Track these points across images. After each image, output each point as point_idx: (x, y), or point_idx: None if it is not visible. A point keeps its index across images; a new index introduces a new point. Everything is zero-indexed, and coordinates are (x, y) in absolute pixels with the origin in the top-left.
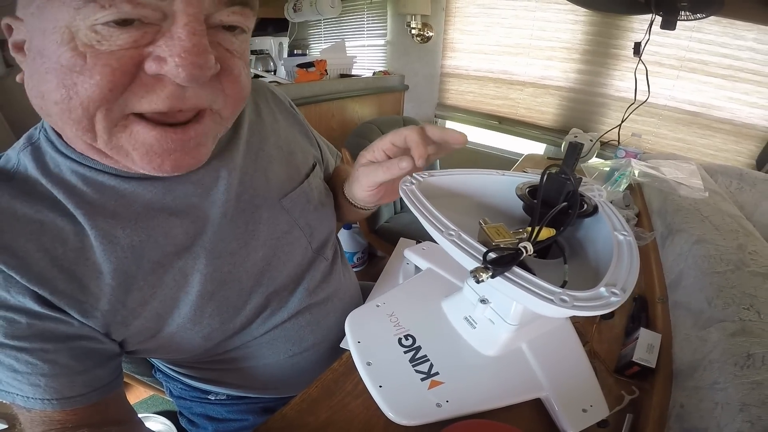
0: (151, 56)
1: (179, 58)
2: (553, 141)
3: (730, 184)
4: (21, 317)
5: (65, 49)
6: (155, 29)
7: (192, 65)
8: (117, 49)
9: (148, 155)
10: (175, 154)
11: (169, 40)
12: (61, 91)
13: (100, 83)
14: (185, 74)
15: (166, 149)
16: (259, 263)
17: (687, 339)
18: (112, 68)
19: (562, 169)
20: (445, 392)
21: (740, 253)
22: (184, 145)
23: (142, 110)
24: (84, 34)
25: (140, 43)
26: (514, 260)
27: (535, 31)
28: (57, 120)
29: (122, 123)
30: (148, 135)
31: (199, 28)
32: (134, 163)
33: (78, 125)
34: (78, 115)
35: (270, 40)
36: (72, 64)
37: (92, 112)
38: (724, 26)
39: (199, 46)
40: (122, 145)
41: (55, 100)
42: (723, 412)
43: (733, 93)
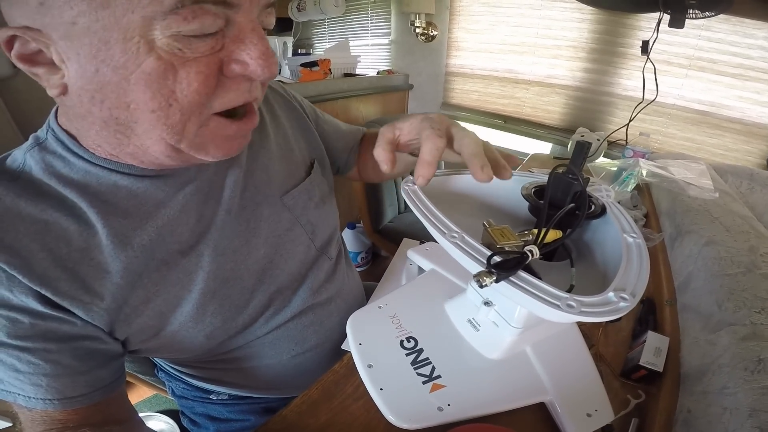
0: (231, 60)
1: (261, 60)
2: (559, 140)
3: (741, 184)
4: (24, 317)
5: (147, 57)
6: (222, 35)
7: (272, 64)
8: (200, 56)
9: (227, 142)
10: (239, 139)
11: (242, 45)
12: (159, 100)
13: (198, 90)
14: (268, 73)
15: (238, 136)
16: (261, 261)
17: (696, 342)
18: (205, 75)
19: (569, 169)
20: (447, 396)
21: (752, 255)
22: (247, 132)
23: (224, 107)
24: (165, 43)
25: (216, 49)
26: (519, 264)
27: (540, 29)
28: (144, 126)
29: (206, 122)
30: (230, 127)
31: (262, 32)
32: (207, 153)
33: (171, 129)
34: (175, 120)
35: (274, 39)
36: (162, 72)
37: (188, 116)
38: (734, 24)
39: (269, 48)
40: (204, 140)
41: (151, 108)
42: (732, 417)
43: (743, 92)
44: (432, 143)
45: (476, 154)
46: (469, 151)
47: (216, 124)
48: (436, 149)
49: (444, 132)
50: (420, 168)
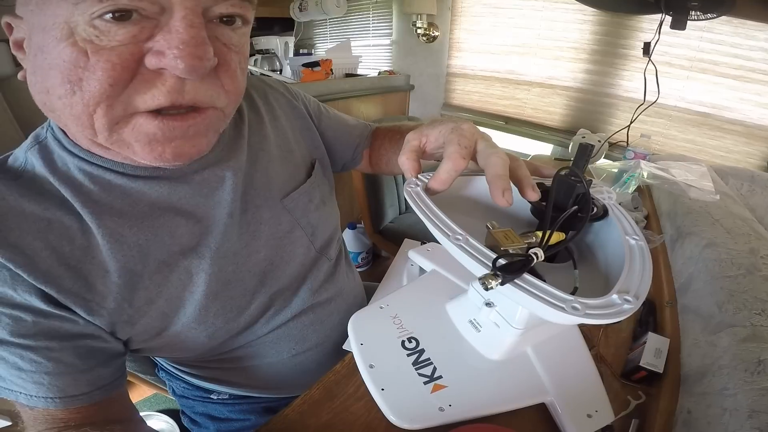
0: (151, 51)
1: (177, 50)
2: (560, 142)
3: (742, 186)
4: (27, 315)
5: (65, 44)
6: (153, 24)
7: (190, 56)
8: (117, 44)
9: (150, 144)
10: (175, 141)
11: (167, 34)
12: (66, 87)
13: (101, 79)
14: (184, 66)
15: (167, 137)
16: (262, 263)
17: (696, 344)
18: (113, 64)
19: (572, 170)
20: (448, 396)
21: (752, 257)
22: (185, 133)
23: (146, 108)
24: (83, 29)
25: (139, 39)
26: (524, 267)
27: (542, 30)
28: (60, 115)
29: (125, 120)
30: (151, 125)
31: (197, 21)
32: (135, 154)
33: (78, 120)
34: (78, 110)
35: (276, 39)
36: (74, 59)
37: (92, 108)
38: (736, 26)
39: (197, 38)
40: (124, 138)
41: (59, 95)
42: (731, 418)
43: (744, 94)
44: (452, 164)
45: (500, 176)
46: (493, 173)
47: (142, 121)
48: (454, 171)
49: (469, 151)
50: (433, 182)
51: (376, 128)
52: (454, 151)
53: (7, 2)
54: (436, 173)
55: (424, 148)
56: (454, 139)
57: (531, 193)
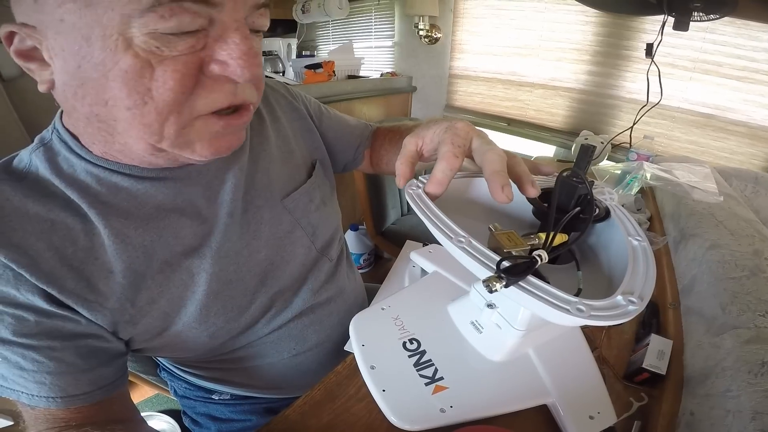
0: (211, 60)
1: (241, 60)
2: (563, 143)
3: (745, 187)
4: (29, 315)
5: (124, 55)
6: (205, 34)
7: (253, 65)
8: (178, 54)
9: (211, 141)
10: (228, 137)
11: (224, 44)
12: (134, 97)
13: (174, 88)
14: (249, 74)
15: (227, 132)
16: (263, 263)
17: (699, 346)
18: (182, 74)
19: (574, 172)
20: (449, 397)
21: (756, 259)
22: (236, 129)
23: (208, 111)
24: (142, 41)
25: (196, 48)
26: (528, 269)
27: (544, 32)
28: (122, 124)
29: (190, 123)
30: (216, 125)
31: (247, 32)
32: (194, 152)
33: (148, 128)
34: (150, 119)
35: (279, 41)
36: (138, 70)
37: (166, 115)
38: (739, 27)
39: (252, 49)
40: (189, 140)
41: (127, 106)
42: (735, 420)
43: (748, 95)
44: (446, 163)
45: (498, 172)
46: (490, 169)
47: (202, 123)
48: (449, 170)
49: (463, 149)
50: (430, 185)
51: (376, 128)
52: (447, 150)
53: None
54: (432, 175)
55: (421, 152)
56: (447, 138)
57: (530, 189)
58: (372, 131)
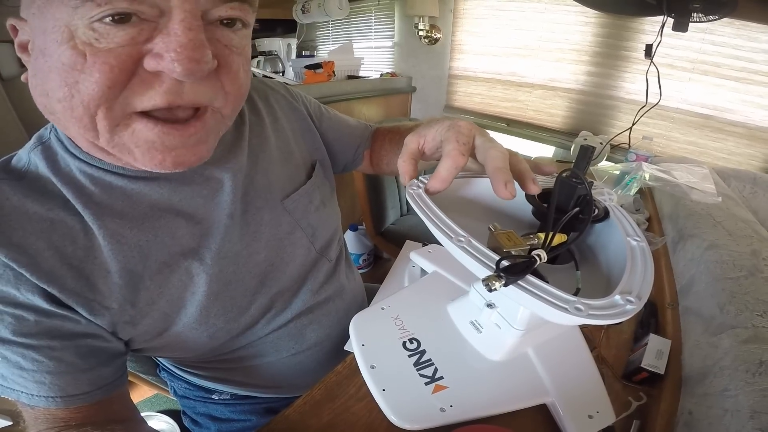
0: (150, 53)
1: (175, 53)
2: (562, 144)
3: (744, 188)
4: (29, 314)
5: (65, 47)
6: (152, 26)
7: (188, 59)
8: (115, 46)
9: (150, 152)
10: (176, 150)
11: (165, 37)
12: (64, 90)
13: (99, 81)
14: (181, 69)
15: (167, 146)
16: (263, 264)
17: (697, 345)
18: (110, 66)
19: (573, 172)
20: (449, 397)
21: (754, 259)
22: (185, 142)
23: (142, 108)
24: (83, 32)
25: (138, 41)
26: (527, 269)
27: (544, 32)
28: (60, 117)
29: (124, 122)
30: (150, 132)
31: (195, 24)
32: (136, 160)
33: (80, 123)
34: (79, 113)
35: (278, 41)
36: (73, 62)
37: (93, 110)
38: (738, 28)
39: (195, 41)
40: (124, 143)
41: (58, 98)
42: (733, 419)
43: (746, 96)
44: (452, 161)
45: (500, 169)
46: (493, 165)
47: (141, 127)
48: (454, 168)
49: (468, 147)
50: (433, 181)
51: (376, 129)
52: (453, 148)
53: (12, 3)
54: (436, 172)
55: (422, 150)
56: (451, 136)
57: (532, 186)
58: (372, 132)
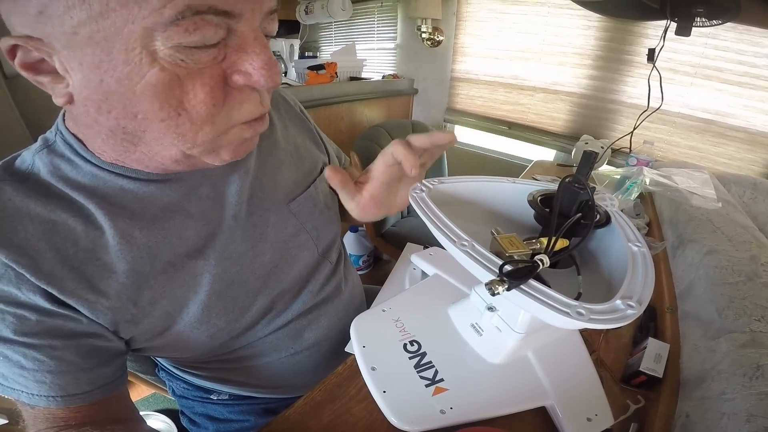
0: (234, 71)
1: (264, 70)
2: (563, 147)
3: (744, 193)
4: (31, 314)
5: (151, 68)
6: (224, 44)
7: (275, 74)
8: (203, 66)
9: (241, 146)
10: (249, 141)
11: (245, 55)
12: (168, 110)
13: (205, 101)
14: (272, 83)
15: (252, 138)
16: (267, 266)
17: (695, 349)
18: (210, 87)
19: (576, 178)
20: (449, 399)
21: (753, 265)
22: (257, 135)
23: (243, 120)
24: (167, 54)
25: (218, 60)
26: (530, 273)
27: (547, 36)
28: (146, 135)
29: (225, 131)
30: (247, 132)
31: (265, 41)
32: (218, 158)
33: (182, 137)
34: (185, 129)
35: (281, 41)
36: (167, 83)
37: (200, 125)
38: (741, 33)
39: (272, 57)
40: (219, 145)
41: (161, 118)
42: (730, 422)
43: (748, 101)
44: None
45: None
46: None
47: (236, 131)
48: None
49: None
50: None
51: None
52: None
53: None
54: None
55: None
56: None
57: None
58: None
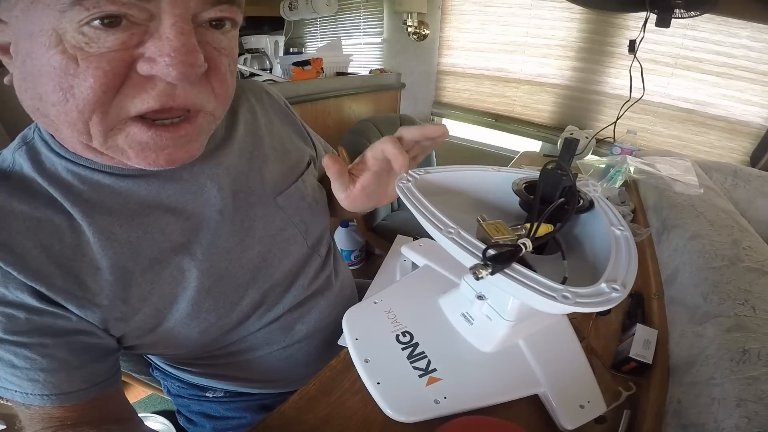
0: (141, 57)
1: (169, 58)
2: (549, 138)
3: (725, 180)
4: (19, 312)
5: (54, 51)
6: (143, 30)
7: (182, 64)
8: (106, 51)
9: (143, 152)
10: (168, 149)
11: (157, 41)
12: (58, 94)
13: (93, 86)
14: (176, 73)
15: (160, 146)
16: (255, 260)
17: (683, 335)
18: (104, 71)
19: (558, 164)
20: (443, 389)
21: (735, 249)
22: (176, 142)
23: (136, 111)
24: (72, 36)
25: (128, 45)
26: (513, 257)
27: (530, 28)
28: (53, 120)
29: (119, 126)
30: (144, 135)
31: (187, 28)
32: (129, 159)
33: (74, 127)
34: (74, 117)
35: (266, 38)
36: (64, 66)
37: (88, 115)
38: (718, 24)
39: (187, 45)
40: (118, 144)
41: (52, 102)
42: (720, 407)
43: (727, 90)
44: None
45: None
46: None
47: (136, 130)
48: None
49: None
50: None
51: None
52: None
53: None
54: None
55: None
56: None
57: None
58: None
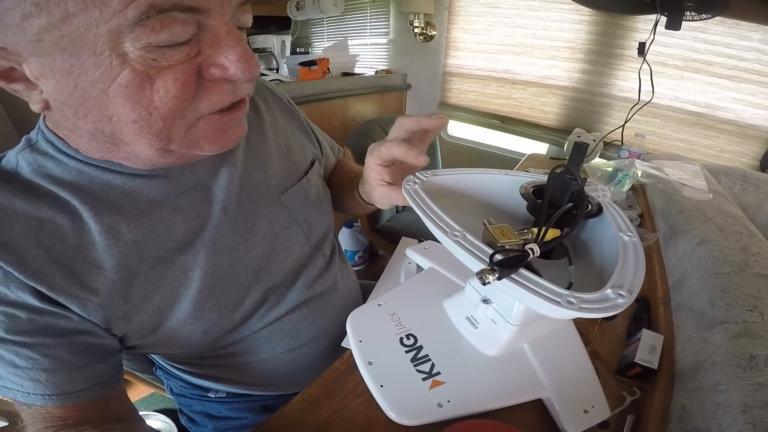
0: (210, 65)
1: (240, 63)
2: (555, 141)
3: (734, 185)
4: (21, 312)
5: (122, 70)
6: (196, 39)
7: (251, 66)
8: (176, 63)
9: (217, 136)
10: (232, 130)
11: (219, 49)
12: (140, 111)
13: (177, 96)
14: (248, 74)
15: (228, 127)
16: (258, 258)
17: (689, 340)
18: (182, 81)
19: (567, 169)
20: (446, 392)
21: (744, 255)
22: (237, 123)
23: (211, 111)
24: (137, 54)
25: (191, 55)
26: (520, 262)
27: (538, 30)
28: (124, 136)
29: (194, 124)
30: (219, 121)
31: (239, 34)
32: (202, 149)
33: (157, 136)
34: (158, 128)
35: (273, 38)
36: (138, 83)
37: (172, 121)
38: (730, 27)
39: (247, 49)
40: (194, 138)
41: (133, 120)
42: (725, 413)
43: (737, 94)
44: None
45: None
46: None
47: (205, 122)
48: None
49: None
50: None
51: (339, 160)
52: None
53: None
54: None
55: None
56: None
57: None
58: (340, 156)
